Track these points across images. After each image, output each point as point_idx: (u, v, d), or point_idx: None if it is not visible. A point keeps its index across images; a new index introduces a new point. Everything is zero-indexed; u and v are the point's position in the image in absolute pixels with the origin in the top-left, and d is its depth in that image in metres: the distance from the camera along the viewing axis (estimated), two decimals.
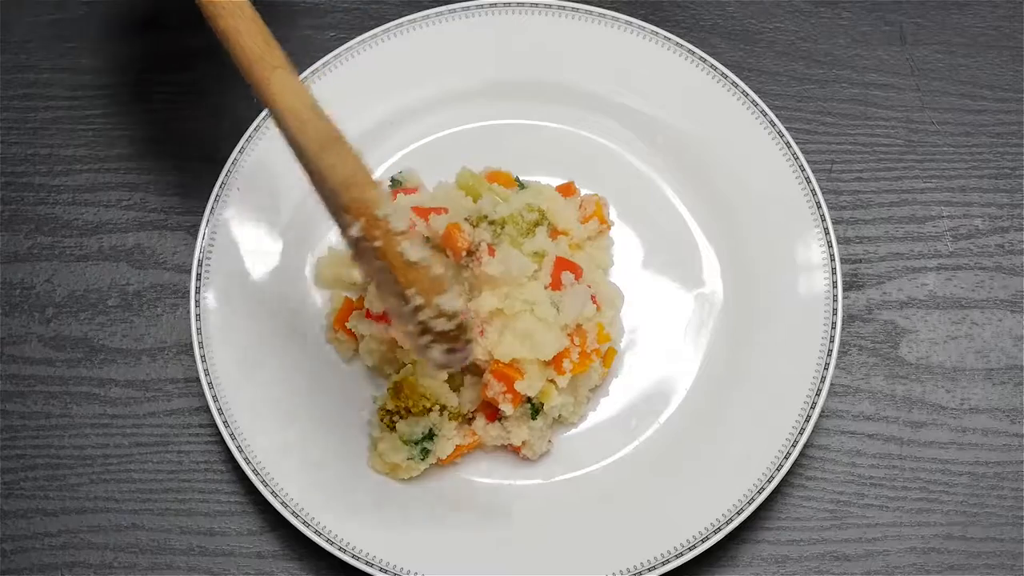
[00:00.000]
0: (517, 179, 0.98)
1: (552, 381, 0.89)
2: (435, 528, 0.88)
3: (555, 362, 0.88)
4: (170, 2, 1.11)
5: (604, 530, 0.88)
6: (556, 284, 0.90)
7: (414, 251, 0.74)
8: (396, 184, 0.98)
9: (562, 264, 0.91)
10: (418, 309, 0.75)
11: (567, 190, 0.98)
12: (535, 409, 0.89)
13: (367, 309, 0.92)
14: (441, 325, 0.75)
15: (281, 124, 0.78)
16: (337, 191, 0.75)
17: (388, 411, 0.90)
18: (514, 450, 0.91)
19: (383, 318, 0.90)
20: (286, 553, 0.91)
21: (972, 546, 0.90)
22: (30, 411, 0.96)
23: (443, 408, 0.89)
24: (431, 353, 0.78)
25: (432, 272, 0.75)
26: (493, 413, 0.90)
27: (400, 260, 0.74)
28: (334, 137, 0.77)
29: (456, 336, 0.77)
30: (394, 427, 0.89)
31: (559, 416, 0.91)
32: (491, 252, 0.89)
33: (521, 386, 0.87)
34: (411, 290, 0.74)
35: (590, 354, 0.89)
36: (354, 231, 0.75)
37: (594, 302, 0.91)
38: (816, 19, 1.11)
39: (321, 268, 0.97)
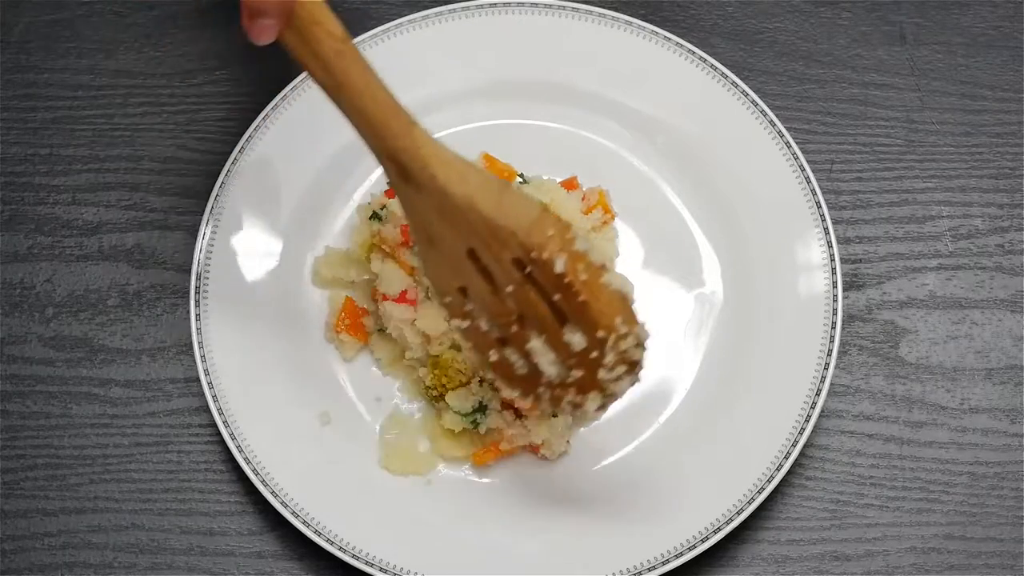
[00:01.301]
0: (521, 175, 0.98)
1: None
2: (435, 528, 0.88)
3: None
4: (173, 3, 1.11)
5: (604, 530, 0.88)
6: None
7: (618, 282, 0.74)
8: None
9: None
10: (621, 339, 0.74)
11: (570, 185, 0.98)
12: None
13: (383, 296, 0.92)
14: (638, 355, 0.76)
15: (431, 183, 0.74)
16: (529, 231, 0.73)
17: (428, 387, 0.90)
18: (532, 450, 0.91)
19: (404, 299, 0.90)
20: (286, 553, 0.91)
21: (972, 546, 0.90)
22: (30, 411, 0.96)
23: (482, 381, 0.89)
24: (622, 386, 0.78)
25: (631, 303, 0.74)
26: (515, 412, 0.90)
27: (607, 291, 0.73)
28: (502, 183, 0.75)
29: (639, 364, 0.77)
30: (440, 399, 0.90)
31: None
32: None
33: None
34: (618, 319, 0.74)
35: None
36: (558, 267, 0.73)
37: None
38: (816, 19, 1.11)
39: (319, 267, 0.97)
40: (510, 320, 0.77)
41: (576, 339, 0.75)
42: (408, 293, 0.92)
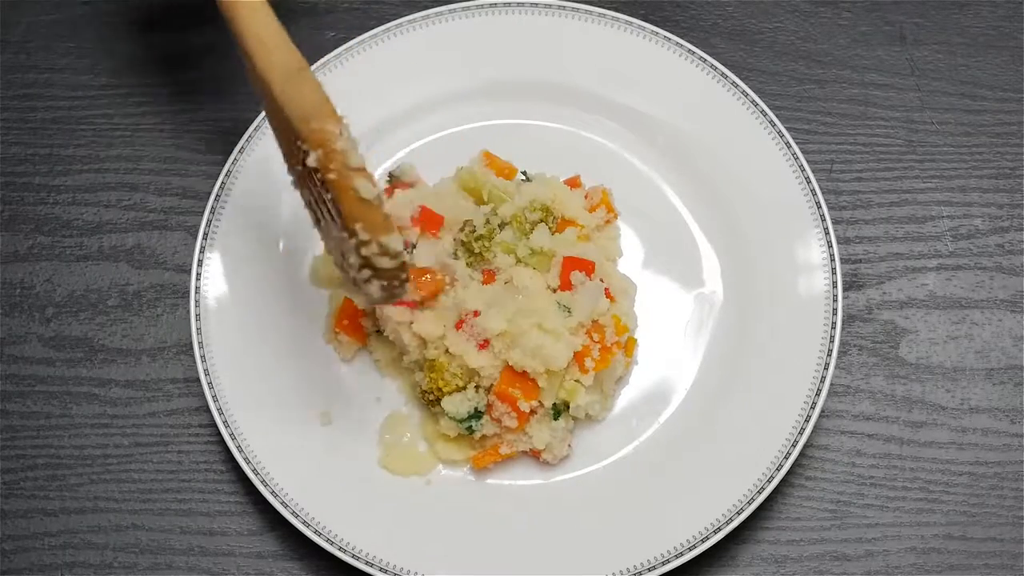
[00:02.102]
0: (524, 172, 0.98)
1: (578, 381, 0.89)
2: (435, 528, 0.88)
3: (577, 362, 0.88)
4: (173, 2, 1.11)
5: (604, 530, 0.88)
6: (566, 285, 0.90)
7: (367, 189, 0.75)
8: (393, 179, 0.98)
9: (571, 264, 0.90)
10: (362, 244, 0.76)
11: (573, 183, 0.98)
12: (557, 411, 0.89)
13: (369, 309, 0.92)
14: (384, 263, 0.77)
15: (247, 53, 0.80)
16: (297, 121, 0.76)
17: (424, 391, 0.90)
18: (534, 455, 0.91)
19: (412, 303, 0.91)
20: (286, 553, 0.91)
21: (972, 546, 0.90)
22: (30, 411, 0.96)
23: (478, 386, 0.89)
24: (369, 288, 0.79)
25: (380, 212, 0.76)
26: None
27: (351, 195, 0.75)
28: (299, 67, 0.78)
29: (395, 275, 0.79)
30: (436, 403, 0.90)
31: (586, 415, 0.91)
32: (490, 278, 0.90)
33: (523, 405, 0.88)
34: (358, 225, 0.76)
35: (611, 347, 0.90)
36: (311, 161, 0.76)
37: (608, 295, 0.91)
38: (816, 19, 1.11)
39: (318, 267, 0.97)
40: (310, 196, 0.82)
41: (334, 229, 0.79)
42: None
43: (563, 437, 0.90)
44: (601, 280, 0.91)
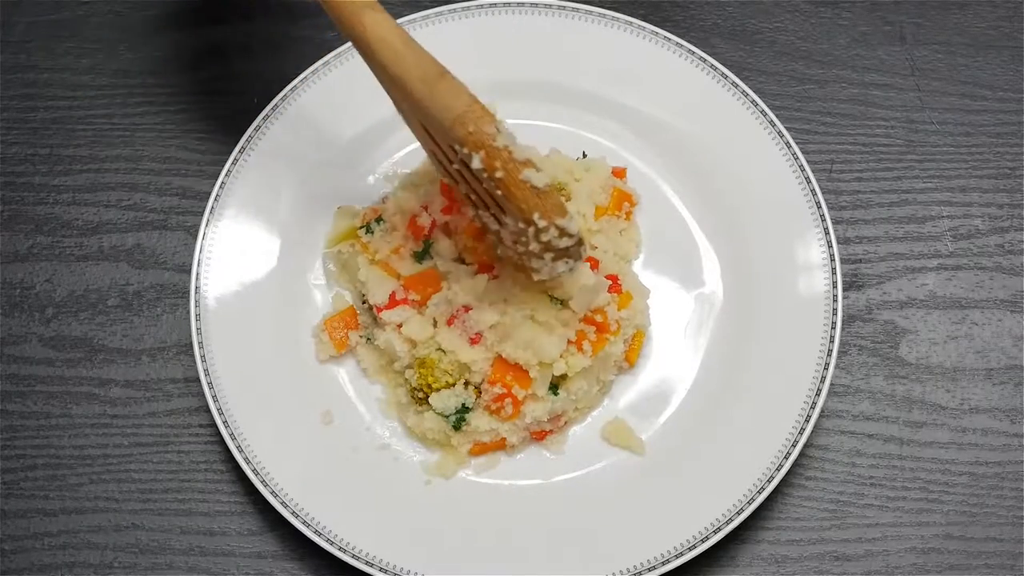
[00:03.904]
0: (583, 152, 1.00)
1: (575, 353, 0.89)
2: (435, 528, 0.88)
3: (577, 346, 0.89)
4: (181, 5, 1.12)
5: (604, 530, 0.88)
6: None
7: (538, 178, 0.78)
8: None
9: None
10: (541, 231, 0.79)
11: (619, 173, 1.00)
12: (555, 387, 0.90)
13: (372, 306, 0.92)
14: (563, 243, 0.81)
15: (381, 64, 0.80)
16: (452, 125, 0.77)
17: (413, 388, 0.91)
18: (535, 437, 0.91)
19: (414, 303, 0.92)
20: (286, 553, 0.91)
21: (972, 546, 0.90)
22: (30, 411, 0.96)
23: (467, 383, 0.90)
24: (556, 267, 0.84)
25: (554, 196, 0.79)
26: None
27: (525, 188, 0.78)
28: (439, 73, 0.79)
29: (576, 251, 0.83)
30: (424, 401, 0.90)
31: (577, 408, 0.92)
32: (482, 271, 0.91)
33: (518, 391, 0.88)
34: (536, 214, 0.78)
35: (607, 326, 0.90)
36: (475, 164, 0.78)
37: (615, 289, 0.91)
38: (816, 19, 1.11)
39: (337, 219, 0.99)
40: (469, 189, 0.84)
41: (509, 222, 0.82)
42: (396, 294, 0.92)
43: (562, 428, 0.91)
44: (607, 277, 0.92)
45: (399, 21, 1.03)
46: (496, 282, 0.90)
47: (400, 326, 0.91)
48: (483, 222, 0.87)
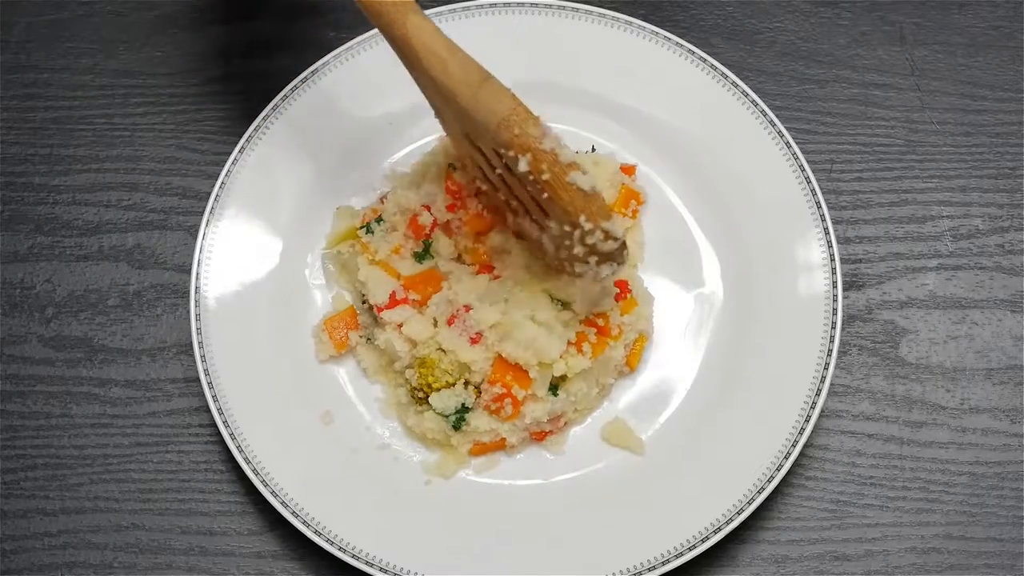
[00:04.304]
0: (592, 147, 1.00)
1: (575, 354, 0.89)
2: (435, 528, 0.88)
3: (577, 348, 0.89)
4: (181, 5, 1.12)
5: (604, 530, 0.88)
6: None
7: (585, 181, 0.78)
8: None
9: None
10: (586, 235, 0.79)
11: (628, 170, 1.00)
12: (555, 388, 0.90)
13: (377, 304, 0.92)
14: (608, 247, 0.81)
15: (423, 69, 0.80)
16: (497, 129, 0.77)
17: (413, 388, 0.91)
18: (535, 437, 0.91)
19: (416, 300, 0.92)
20: (286, 553, 0.91)
21: (972, 546, 0.90)
22: (30, 411, 0.96)
23: (467, 383, 0.90)
24: (601, 272, 0.84)
25: (600, 199, 0.79)
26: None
27: (572, 190, 0.78)
28: (483, 77, 0.79)
29: (619, 255, 0.83)
30: (424, 401, 0.90)
31: (576, 410, 0.92)
32: (482, 271, 0.92)
33: (518, 391, 0.88)
34: (582, 217, 0.78)
35: (609, 330, 0.90)
36: (521, 167, 0.77)
37: (622, 296, 0.91)
38: (816, 19, 1.11)
39: (337, 219, 0.98)
40: (509, 195, 0.84)
41: (553, 225, 0.82)
42: (396, 294, 0.92)
43: (562, 429, 0.91)
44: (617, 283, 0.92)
45: None
46: (496, 282, 0.91)
47: (400, 326, 0.91)
48: (523, 229, 0.87)
